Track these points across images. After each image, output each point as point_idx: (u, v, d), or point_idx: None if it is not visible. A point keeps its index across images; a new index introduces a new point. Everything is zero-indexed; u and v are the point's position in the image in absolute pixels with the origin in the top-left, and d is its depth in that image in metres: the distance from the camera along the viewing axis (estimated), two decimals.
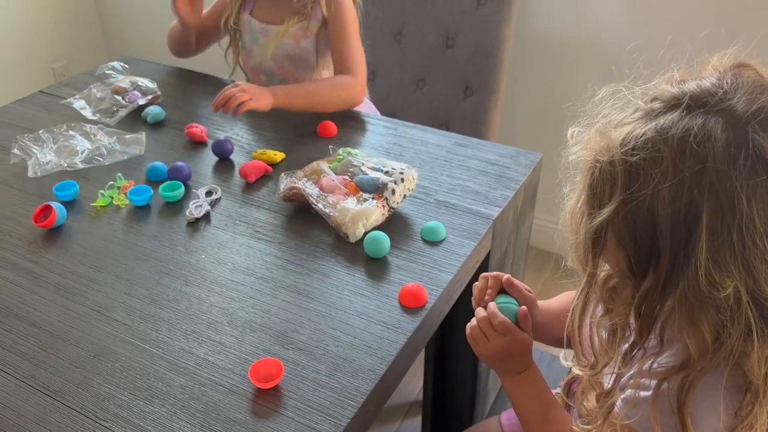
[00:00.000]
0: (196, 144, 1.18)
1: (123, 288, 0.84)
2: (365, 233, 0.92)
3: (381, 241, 0.89)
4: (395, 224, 0.96)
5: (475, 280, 0.95)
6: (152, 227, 0.96)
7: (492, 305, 0.74)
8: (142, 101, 1.24)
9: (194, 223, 0.97)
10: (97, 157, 1.10)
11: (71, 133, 1.14)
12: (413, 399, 1.54)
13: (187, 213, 0.97)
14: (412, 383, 1.53)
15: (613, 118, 0.60)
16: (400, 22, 1.69)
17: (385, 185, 0.96)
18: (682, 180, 0.53)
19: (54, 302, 0.82)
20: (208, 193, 1.03)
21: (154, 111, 1.22)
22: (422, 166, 1.11)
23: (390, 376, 0.74)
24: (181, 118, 1.26)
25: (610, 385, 0.64)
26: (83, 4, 2.51)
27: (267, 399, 0.69)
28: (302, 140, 1.19)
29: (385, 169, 0.99)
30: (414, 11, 1.67)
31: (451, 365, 1.14)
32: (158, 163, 1.06)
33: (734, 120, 0.53)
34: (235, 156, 1.14)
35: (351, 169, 1.00)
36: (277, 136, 1.21)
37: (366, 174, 0.99)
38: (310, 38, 1.30)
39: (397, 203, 0.96)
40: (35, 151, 1.08)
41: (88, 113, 1.21)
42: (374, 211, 0.93)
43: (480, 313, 0.74)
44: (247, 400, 0.69)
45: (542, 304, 0.82)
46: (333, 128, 1.21)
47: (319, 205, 0.95)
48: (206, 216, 0.98)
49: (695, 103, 0.55)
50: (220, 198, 1.02)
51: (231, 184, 1.07)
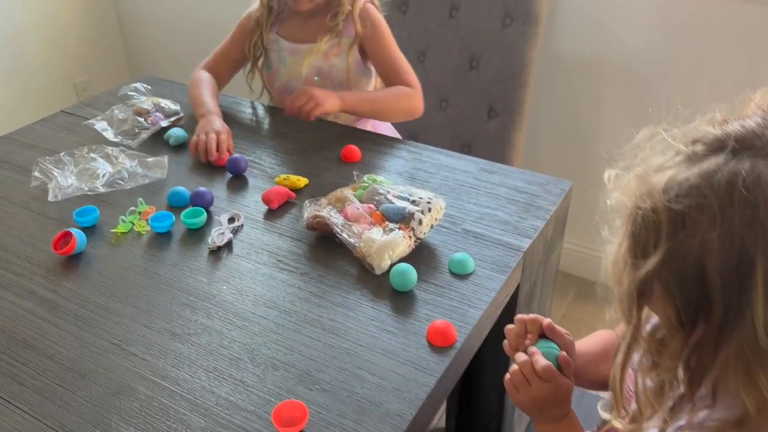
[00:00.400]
0: (216, 167, 1.16)
1: (143, 320, 0.82)
2: (391, 265, 0.89)
3: (408, 275, 0.86)
4: (422, 255, 0.93)
5: (505, 314, 0.93)
6: (173, 255, 0.94)
7: (534, 350, 0.71)
8: (164, 123, 1.23)
9: (216, 252, 0.94)
10: (118, 181, 1.08)
11: (92, 155, 1.13)
12: (432, 427, 1.50)
13: (209, 241, 0.95)
14: None
15: (652, 162, 0.57)
16: (424, 43, 1.67)
17: (411, 215, 0.93)
18: (731, 228, 0.50)
19: (72, 334, 0.80)
20: (231, 220, 1.01)
21: (177, 133, 1.20)
22: (449, 193, 1.08)
23: (419, 421, 0.70)
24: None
25: None
26: (106, 20, 2.53)
27: None
28: (325, 164, 1.17)
29: (411, 198, 0.96)
30: (438, 32, 1.65)
31: (477, 401, 1.10)
32: (180, 188, 1.05)
33: None
34: (257, 180, 1.12)
35: (376, 198, 0.98)
36: (300, 160, 1.19)
37: (392, 203, 0.96)
38: (340, 56, 1.29)
39: (424, 233, 0.93)
40: (56, 174, 1.07)
41: (110, 135, 1.20)
42: (400, 242, 0.90)
43: (521, 357, 0.71)
44: None
45: (579, 347, 0.79)
46: (357, 153, 1.18)
47: (344, 235, 0.93)
48: (228, 244, 0.96)
49: (741, 145, 0.52)
50: (242, 225, 1.00)
51: (253, 210, 1.04)
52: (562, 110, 1.87)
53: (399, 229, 0.92)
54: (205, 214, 0.99)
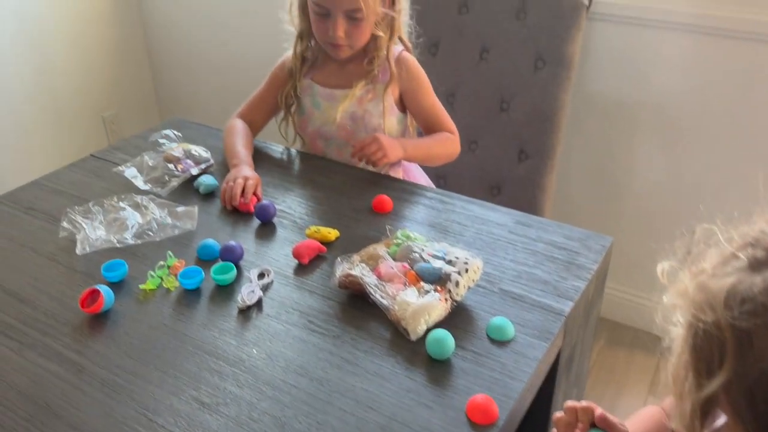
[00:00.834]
0: (245, 215, 1.14)
1: (170, 387, 0.79)
2: (427, 330, 0.85)
3: (445, 343, 0.82)
4: (458, 318, 0.89)
5: (546, 383, 0.88)
6: (202, 314, 0.91)
7: None
8: (195, 171, 1.22)
9: (246, 311, 0.92)
10: (147, 232, 1.07)
11: (122, 204, 1.11)
12: None
13: (239, 300, 0.92)
14: None
15: (709, 263, 0.53)
16: (453, 84, 1.65)
17: (448, 276, 0.89)
18: None
19: (98, 401, 0.78)
20: (261, 276, 0.98)
21: (207, 181, 1.19)
22: (484, 248, 1.04)
23: None
24: None
25: None
26: (135, 54, 2.56)
27: None
28: (356, 215, 1.14)
29: (447, 258, 0.93)
30: (468, 74, 1.63)
31: None
32: (210, 241, 1.03)
33: None
34: (287, 231, 1.10)
35: (411, 256, 0.94)
36: (330, 210, 1.16)
37: (427, 262, 0.93)
38: (375, 101, 1.28)
39: (461, 296, 0.90)
40: (84, 225, 1.05)
41: (139, 182, 1.19)
42: (437, 305, 0.87)
43: None
44: None
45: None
46: (388, 203, 1.16)
47: (377, 296, 0.89)
48: (258, 302, 0.93)
49: None
50: (272, 281, 0.98)
51: (283, 264, 1.02)
52: (595, 153, 1.83)
53: (435, 290, 0.89)
54: (234, 270, 0.97)
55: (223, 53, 2.39)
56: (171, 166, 1.22)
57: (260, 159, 1.32)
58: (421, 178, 1.42)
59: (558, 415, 0.71)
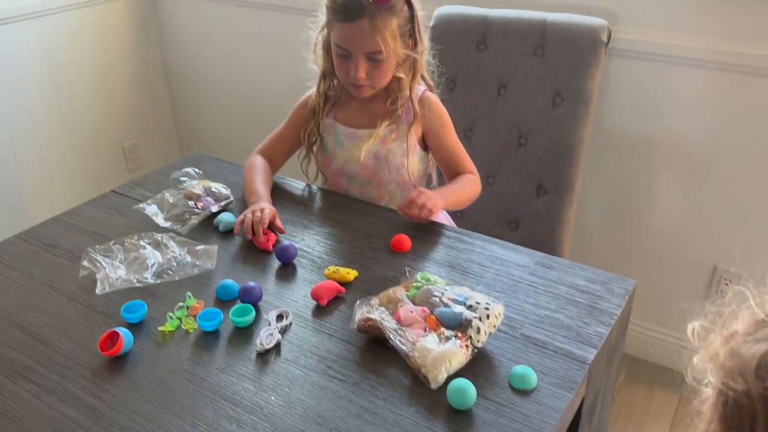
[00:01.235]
0: (263, 253, 1.14)
1: None
2: (448, 378, 0.84)
3: (467, 393, 0.80)
4: (479, 366, 0.87)
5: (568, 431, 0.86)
6: (221, 358, 0.91)
7: None
8: (215, 208, 1.22)
9: (264, 355, 0.91)
10: (167, 271, 1.07)
11: (142, 243, 1.12)
12: None
13: (258, 343, 0.92)
14: None
15: (741, 328, 0.51)
16: (471, 119, 1.65)
17: (468, 322, 0.88)
18: None
19: None
20: (279, 317, 0.98)
21: (226, 219, 1.19)
22: (504, 290, 1.03)
23: None
24: None
25: None
26: (156, 85, 2.60)
27: None
28: (375, 255, 1.13)
29: (468, 303, 0.92)
30: (486, 109, 1.63)
31: None
32: (229, 282, 1.02)
33: None
34: (306, 271, 1.09)
35: (431, 300, 0.94)
36: (348, 250, 1.16)
37: (447, 306, 0.92)
38: (398, 140, 1.28)
39: (482, 342, 0.88)
40: (105, 264, 1.06)
41: (160, 220, 1.19)
42: (457, 352, 0.85)
43: None
44: None
45: None
46: (407, 242, 1.15)
47: (397, 341, 0.88)
48: (277, 346, 0.92)
49: None
50: (291, 323, 0.97)
51: (302, 305, 1.01)
52: (614, 188, 1.82)
53: (455, 337, 0.87)
54: (253, 312, 0.96)
55: (242, 86, 2.42)
56: (191, 203, 1.23)
57: (280, 196, 1.33)
58: (441, 215, 1.42)
59: None
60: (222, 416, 0.81)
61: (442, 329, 0.89)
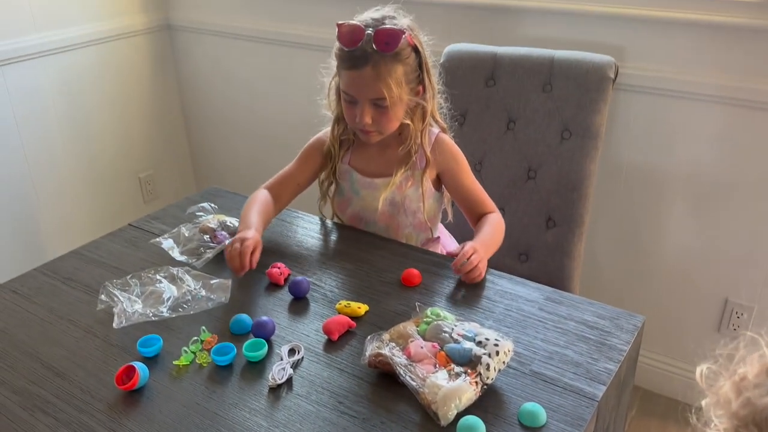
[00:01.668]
0: (276, 287, 1.16)
1: None
2: (458, 414, 0.85)
3: (476, 430, 0.81)
4: (489, 402, 0.88)
5: None
6: (233, 392, 0.92)
7: None
8: (228, 242, 1.24)
9: (276, 389, 0.92)
10: (182, 305, 1.09)
11: (158, 276, 1.14)
12: None
13: (270, 378, 0.93)
14: None
15: (751, 374, 0.52)
16: (480, 153, 1.68)
17: (478, 358, 0.89)
18: None
19: None
20: (291, 352, 0.99)
21: None
22: (514, 326, 1.04)
23: None
24: (266, 258, 1.25)
25: None
26: (172, 118, 2.66)
27: None
28: (386, 289, 1.15)
29: (477, 339, 0.93)
30: (495, 143, 1.66)
31: None
32: (242, 316, 1.04)
33: None
34: (318, 305, 1.11)
35: (441, 336, 0.95)
36: (359, 284, 1.17)
37: (457, 342, 0.93)
38: (414, 186, 1.29)
39: (492, 379, 0.89)
40: (122, 299, 1.08)
41: (176, 254, 1.22)
42: (467, 389, 0.86)
43: None
44: None
45: None
46: (417, 277, 1.17)
47: (407, 378, 0.89)
48: (289, 380, 0.94)
49: None
50: (302, 358, 0.98)
51: (314, 340, 1.03)
52: (623, 220, 1.83)
53: (465, 373, 0.89)
54: (266, 346, 0.98)
55: (256, 119, 2.47)
56: (206, 237, 1.25)
57: (293, 230, 1.35)
58: (453, 246, 1.43)
59: None
60: None
61: (452, 365, 0.90)
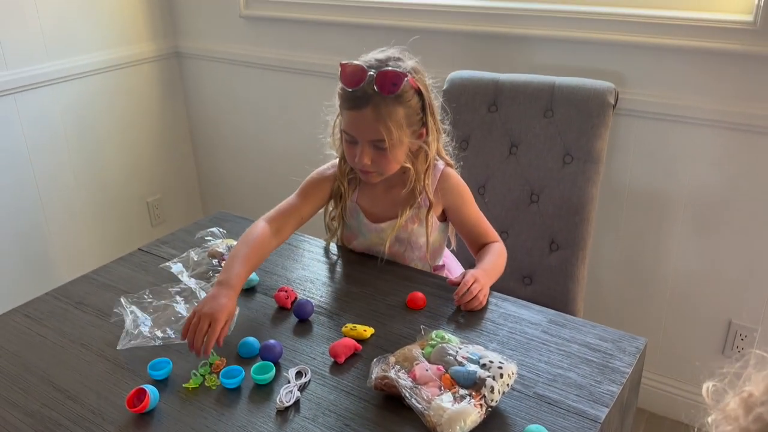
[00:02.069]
0: (282, 310, 1.18)
1: None
2: None
3: None
4: (493, 424, 0.90)
5: None
6: (242, 415, 0.94)
7: None
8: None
9: (284, 412, 0.94)
10: None
11: (171, 290, 1.18)
12: None
13: (278, 400, 0.95)
14: None
15: (757, 390, 0.54)
16: (483, 177, 1.70)
17: (483, 381, 0.91)
18: None
19: None
20: (298, 374, 1.01)
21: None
22: (517, 348, 1.06)
23: None
24: (273, 281, 1.28)
25: None
26: (180, 144, 2.70)
27: None
28: (391, 312, 1.17)
29: (482, 362, 0.94)
30: (498, 167, 1.68)
31: None
32: (250, 339, 1.06)
33: None
34: (324, 328, 1.13)
35: (445, 358, 0.97)
36: (365, 306, 1.19)
37: (462, 365, 0.95)
38: (419, 224, 1.30)
39: (496, 401, 0.91)
40: (137, 314, 1.11)
41: (185, 278, 1.24)
42: (472, 411, 0.88)
43: None
44: None
45: None
46: (422, 300, 1.19)
47: (413, 400, 0.91)
48: (296, 403, 0.95)
49: None
50: (309, 381, 1.00)
51: (320, 363, 1.04)
52: (626, 243, 1.84)
53: (470, 395, 0.90)
54: (273, 369, 1.00)
55: (263, 144, 2.51)
56: (215, 261, 1.28)
57: (300, 254, 1.38)
58: (458, 270, 1.45)
59: None
60: None
61: (457, 388, 0.92)
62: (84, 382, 1.02)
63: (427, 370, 0.95)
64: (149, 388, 0.94)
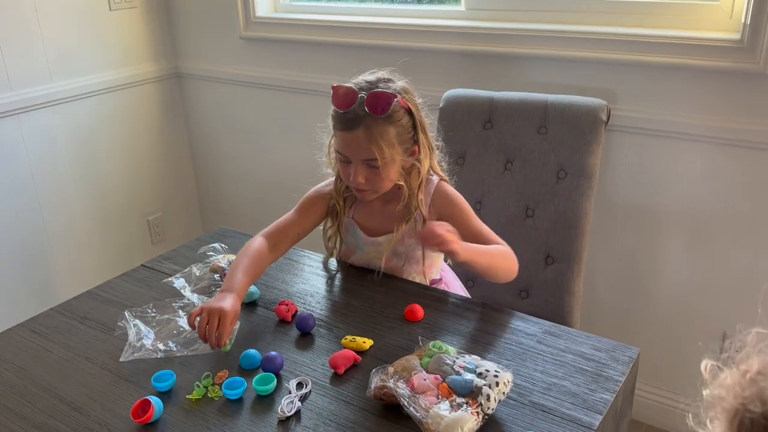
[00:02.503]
0: (283, 323, 1.21)
1: None
2: None
3: None
4: (490, 431, 0.92)
5: None
6: (244, 425, 0.96)
7: None
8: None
9: (285, 422, 0.96)
10: (191, 343, 1.13)
11: (174, 305, 1.21)
12: None
13: (279, 410, 0.97)
14: None
15: (756, 366, 0.57)
16: (480, 192, 1.74)
17: (479, 389, 0.93)
18: None
19: None
20: (299, 385, 1.03)
21: (250, 290, 1.26)
22: (513, 358, 1.08)
23: None
24: (274, 295, 1.30)
25: None
26: (180, 162, 2.74)
27: None
28: (389, 324, 1.19)
29: (478, 370, 0.97)
30: (494, 183, 1.72)
31: None
32: (252, 351, 1.09)
33: None
34: (324, 340, 1.15)
35: (443, 368, 0.99)
36: (364, 319, 1.22)
37: (459, 374, 0.97)
38: (416, 238, 1.31)
39: (492, 409, 0.93)
40: (141, 327, 1.13)
41: (187, 293, 1.27)
42: (468, 419, 0.90)
43: None
44: None
45: None
46: (420, 312, 1.21)
47: (411, 409, 0.93)
48: (297, 413, 0.97)
49: None
50: (310, 391, 1.02)
51: (320, 374, 1.07)
52: (620, 256, 1.87)
53: (467, 404, 0.92)
54: (275, 380, 1.02)
55: (262, 164, 2.55)
56: (216, 276, 1.31)
57: (300, 268, 1.40)
58: (457, 286, 1.47)
59: None
60: None
61: (454, 396, 0.94)
62: (89, 394, 1.04)
63: (425, 379, 0.97)
64: (153, 400, 0.96)
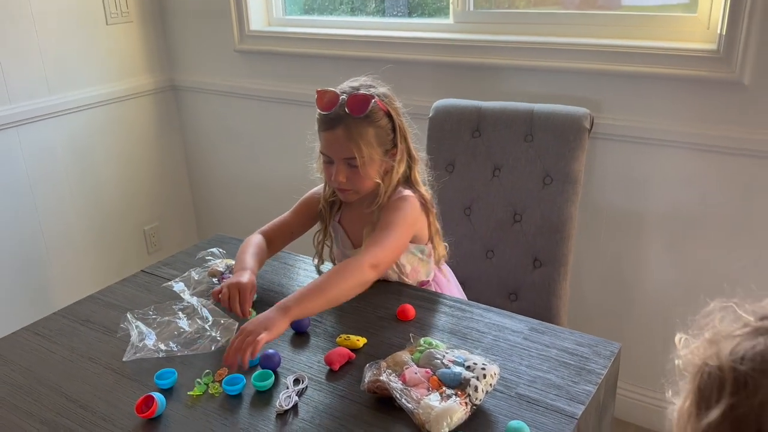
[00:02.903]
0: None
1: None
2: None
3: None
4: (478, 422, 0.96)
5: None
6: (244, 419, 1.00)
7: None
8: (226, 282, 1.34)
9: (283, 415, 1.00)
10: (191, 342, 1.18)
11: (174, 307, 1.25)
12: None
13: (277, 404, 1.01)
14: None
15: (722, 329, 0.63)
16: (469, 199, 1.79)
17: (468, 381, 0.98)
18: None
19: None
20: (296, 381, 1.08)
21: None
22: (500, 354, 1.13)
23: None
24: (271, 297, 1.34)
25: None
26: (176, 173, 2.78)
27: None
28: (382, 323, 1.24)
29: (466, 364, 1.02)
30: (482, 189, 1.78)
31: None
32: None
33: None
34: (319, 339, 1.20)
35: (433, 362, 1.04)
36: (358, 319, 1.26)
37: (448, 368, 1.02)
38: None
39: (480, 400, 0.98)
40: (143, 329, 1.17)
41: (187, 296, 1.31)
42: (457, 409, 0.95)
43: None
44: None
45: None
46: (411, 311, 1.26)
47: (403, 400, 0.98)
48: (294, 407, 1.02)
49: None
50: (306, 387, 1.07)
51: (316, 371, 1.11)
52: (605, 259, 1.93)
53: (456, 395, 0.97)
54: (273, 377, 1.07)
55: (257, 175, 2.60)
56: (215, 280, 1.35)
57: (295, 272, 1.45)
58: (455, 290, 1.52)
59: None
60: None
61: (444, 388, 0.99)
62: (94, 392, 1.08)
63: (416, 373, 1.02)
64: (157, 395, 1.00)
